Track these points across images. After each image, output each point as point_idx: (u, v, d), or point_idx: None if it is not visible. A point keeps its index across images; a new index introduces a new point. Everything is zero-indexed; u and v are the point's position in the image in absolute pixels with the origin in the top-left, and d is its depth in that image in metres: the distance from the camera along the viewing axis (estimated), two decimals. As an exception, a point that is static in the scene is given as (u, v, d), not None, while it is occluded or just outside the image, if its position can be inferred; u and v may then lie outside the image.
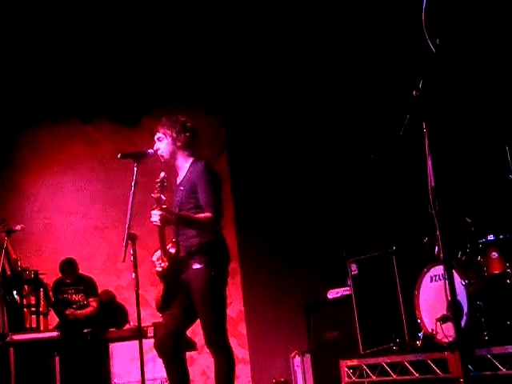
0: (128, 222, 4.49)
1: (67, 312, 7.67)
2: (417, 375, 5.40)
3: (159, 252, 4.61)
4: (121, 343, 7.39)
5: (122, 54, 8.23)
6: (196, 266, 4.58)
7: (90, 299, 7.87)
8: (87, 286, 7.91)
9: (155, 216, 4.40)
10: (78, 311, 7.71)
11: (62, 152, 9.00)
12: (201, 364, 8.42)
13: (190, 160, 4.81)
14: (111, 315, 8.12)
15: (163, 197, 4.44)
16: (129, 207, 4.52)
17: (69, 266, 7.88)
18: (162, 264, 4.59)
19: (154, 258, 4.68)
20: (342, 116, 8.01)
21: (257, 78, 8.49)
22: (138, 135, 8.81)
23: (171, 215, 4.47)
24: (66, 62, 8.19)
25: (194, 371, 8.40)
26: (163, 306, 4.70)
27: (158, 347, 4.67)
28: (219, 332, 4.59)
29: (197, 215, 4.54)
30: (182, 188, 4.72)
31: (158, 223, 4.41)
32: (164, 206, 4.44)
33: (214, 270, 4.59)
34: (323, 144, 8.28)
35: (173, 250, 4.64)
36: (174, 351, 4.65)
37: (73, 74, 8.34)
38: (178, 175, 4.89)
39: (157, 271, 4.63)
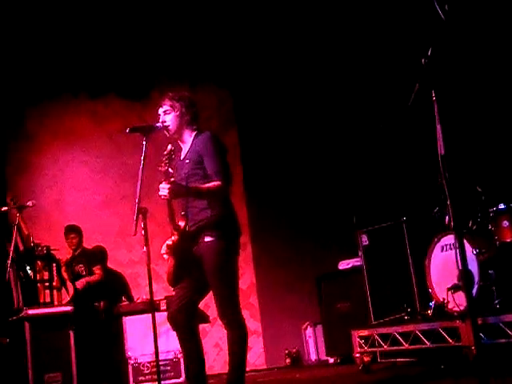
0: (138, 196, 4.48)
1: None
2: (428, 344, 5.41)
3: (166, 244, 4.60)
4: (134, 317, 7.45)
5: (130, 29, 8.20)
6: (208, 238, 4.57)
7: (94, 268, 7.90)
8: (88, 256, 7.95)
9: (163, 189, 4.38)
10: (79, 281, 7.76)
11: (72, 128, 9.02)
12: (214, 336, 8.49)
13: (193, 133, 4.79)
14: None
15: (170, 170, 4.43)
16: (138, 181, 4.52)
17: (66, 230, 7.94)
18: (173, 238, 4.60)
19: (162, 251, 4.69)
20: (350, 86, 7.96)
21: (265, 50, 8.44)
22: (146, 110, 8.78)
23: (180, 187, 4.47)
24: (75, 38, 8.18)
25: (207, 344, 8.46)
26: (175, 280, 4.70)
27: (172, 320, 4.68)
28: (232, 305, 4.58)
29: (206, 185, 4.54)
30: (187, 161, 4.69)
31: (167, 196, 4.41)
32: (172, 179, 4.43)
33: (226, 243, 4.56)
34: (333, 114, 8.24)
35: (182, 224, 4.64)
36: (187, 324, 4.64)
37: (82, 49, 8.33)
38: (181, 150, 4.88)
39: (167, 245, 4.64)
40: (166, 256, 4.67)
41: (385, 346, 5.88)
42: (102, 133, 8.97)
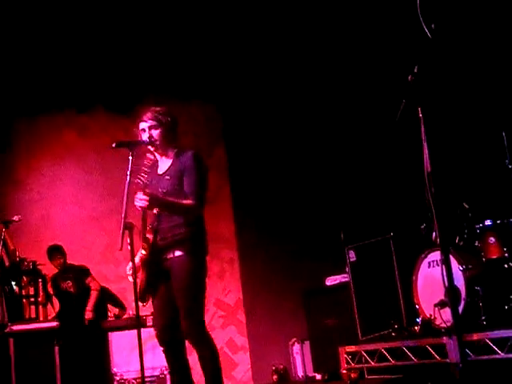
0: (124, 211, 4.47)
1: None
2: (415, 360, 5.41)
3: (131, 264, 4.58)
4: (120, 332, 7.41)
5: (117, 43, 8.19)
6: (178, 253, 4.58)
7: (87, 281, 7.85)
8: (75, 272, 7.90)
9: (140, 200, 4.41)
10: (88, 311, 7.69)
11: (58, 142, 9.00)
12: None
13: (175, 150, 4.81)
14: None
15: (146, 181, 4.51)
16: (124, 196, 4.51)
17: (50, 251, 7.90)
18: (143, 252, 4.61)
19: (128, 272, 4.67)
20: (338, 101, 7.98)
21: (252, 66, 8.45)
22: (133, 124, 8.75)
23: (156, 199, 4.48)
24: (61, 52, 8.15)
25: (194, 359, 8.43)
26: (144, 294, 4.68)
27: (159, 338, 4.69)
28: (199, 321, 4.57)
29: (179, 200, 4.54)
30: (167, 177, 4.71)
31: (144, 206, 4.42)
32: (147, 191, 4.46)
33: (196, 259, 4.59)
34: (320, 130, 8.26)
35: (150, 237, 4.64)
36: (174, 340, 4.65)
37: (68, 64, 8.30)
38: (156, 164, 4.87)
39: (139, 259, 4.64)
40: (130, 278, 4.64)
41: (372, 363, 5.86)
42: (88, 147, 8.94)
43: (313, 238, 8.27)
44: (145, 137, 4.78)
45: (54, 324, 7.03)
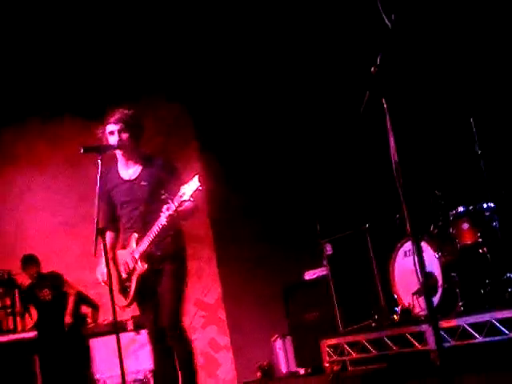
0: (96, 217, 4.45)
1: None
2: (396, 349, 5.43)
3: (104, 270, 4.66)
4: (101, 338, 7.37)
5: (82, 47, 8.13)
6: (168, 262, 4.76)
7: (65, 288, 7.80)
8: (51, 280, 7.85)
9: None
10: (67, 315, 7.64)
11: (29, 150, 8.91)
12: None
13: (141, 155, 4.85)
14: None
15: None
16: (96, 201, 4.49)
17: (24, 261, 7.83)
18: (140, 265, 4.71)
19: (102, 278, 4.80)
20: (307, 97, 7.99)
21: (221, 64, 8.44)
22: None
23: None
24: (27, 59, 8.07)
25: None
26: (132, 301, 4.87)
27: (153, 338, 4.88)
28: (180, 319, 4.81)
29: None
30: (144, 183, 4.73)
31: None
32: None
33: (182, 264, 4.87)
34: (291, 125, 8.26)
35: (134, 244, 4.76)
36: (166, 342, 4.79)
37: (34, 70, 8.22)
38: (114, 168, 4.92)
39: (140, 272, 4.74)
40: (103, 283, 4.79)
41: (354, 354, 5.88)
42: (58, 154, 8.88)
43: (290, 233, 8.27)
44: (113, 140, 4.74)
45: (33, 334, 6.97)
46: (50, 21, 7.64)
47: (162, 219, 4.49)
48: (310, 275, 7.34)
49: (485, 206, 5.50)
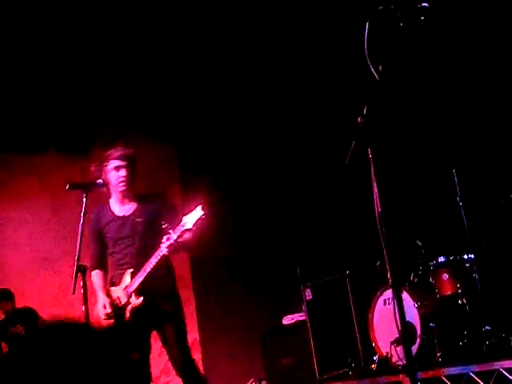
0: (77, 254, 4.42)
1: None
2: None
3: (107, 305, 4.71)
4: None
5: (70, 82, 8.13)
6: (167, 306, 4.83)
7: (39, 322, 7.70)
8: (25, 315, 7.74)
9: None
10: None
11: (10, 184, 8.85)
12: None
13: (136, 192, 4.90)
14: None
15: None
16: (78, 238, 4.47)
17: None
18: (139, 300, 4.72)
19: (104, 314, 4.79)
20: (292, 142, 8.04)
21: (209, 104, 8.49)
22: (89, 164, 8.72)
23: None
24: (10, 91, 8.04)
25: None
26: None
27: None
28: (192, 359, 4.99)
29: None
30: (139, 219, 4.75)
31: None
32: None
33: (181, 307, 4.97)
34: (275, 170, 8.30)
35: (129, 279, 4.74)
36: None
37: (18, 103, 8.20)
38: (106, 206, 4.93)
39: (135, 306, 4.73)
40: (105, 317, 4.73)
41: (330, 403, 5.83)
42: (42, 189, 8.82)
43: (270, 277, 8.24)
44: (115, 176, 4.79)
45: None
46: (36, 52, 7.63)
47: (163, 249, 4.52)
48: (288, 320, 7.29)
49: (465, 257, 5.54)
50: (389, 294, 5.63)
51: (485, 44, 5.84)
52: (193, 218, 4.46)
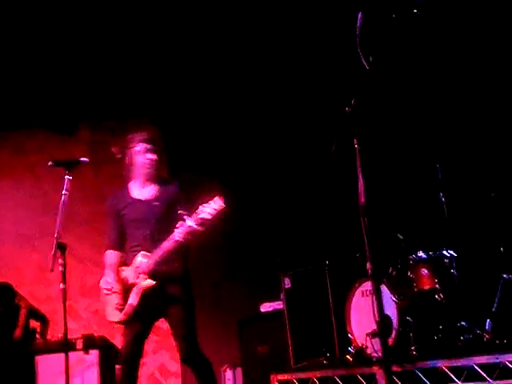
0: (57, 231, 4.40)
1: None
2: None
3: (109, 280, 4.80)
4: (49, 355, 7.23)
5: (59, 60, 8.06)
6: (177, 290, 4.84)
7: (16, 300, 7.65)
8: (2, 291, 7.69)
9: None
10: (18, 328, 7.49)
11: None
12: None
13: (158, 176, 4.97)
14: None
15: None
16: (58, 216, 4.45)
17: None
18: (148, 281, 4.71)
19: (107, 285, 4.86)
20: (277, 131, 8.02)
21: (197, 88, 8.45)
22: (74, 144, 8.73)
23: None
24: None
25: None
26: (130, 319, 4.79)
27: (127, 357, 4.83)
28: (198, 346, 4.99)
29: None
30: (156, 203, 4.81)
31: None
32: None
33: (190, 290, 5.00)
34: (258, 156, 8.28)
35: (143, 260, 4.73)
36: (136, 363, 4.85)
37: (6, 80, 8.12)
38: (126, 186, 4.98)
39: (145, 287, 4.71)
40: (106, 291, 4.84)
41: (303, 391, 5.85)
42: (25, 166, 8.78)
43: (248, 264, 8.24)
44: (141, 158, 4.86)
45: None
46: (27, 31, 7.57)
47: (176, 235, 4.55)
48: (265, 308, 7.31)
49: (445, 253, 5.57)
50: (367, 285, 5.66)
51: (475, 39, 5.84)
52: (210, 208, 4.47)
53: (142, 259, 4.72)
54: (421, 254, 5.62)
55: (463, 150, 6.03)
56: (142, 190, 4.91)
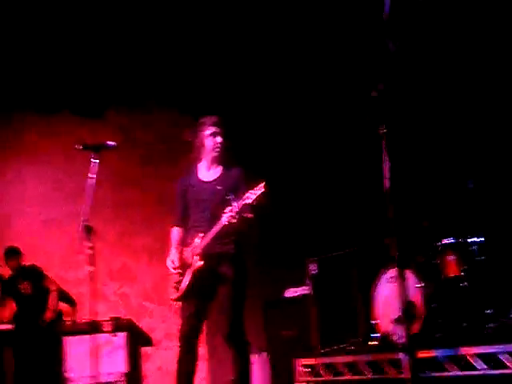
0: (85, 214, 4.45)
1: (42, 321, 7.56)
2: (372, 375, 5.43)
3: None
4: (77, 337, 7.33)
5: (88, 45, 8.10)
6: (227, 264, 4.82)
7: (46, 282, 7.76)
8: (32, 273, 7.80)
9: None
10: (49, 310, 7.61)
11: (24, 143, 8.90)
12: (156, 360, 8.41)
13: (224, 160, 5.09)
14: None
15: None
16: (87, 199, 4.49)
17: (7, 253, 7.80)
18: (199, 262, 4.78)
19: (173, 265, 4.93)
20: (305, 116, 8.00)
21: (229, 78, 8.44)
22: (103, 127, 8.81)
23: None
24: (30, 52, 8.03)
25: (150, 367, 8.38)
26: (184, 296, 4.88)
27: (184, 335, 4.89)
28: (242, 330, 4.95)
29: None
30: (219, 187, 4.90)
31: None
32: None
33: (243, 271, 4.96)
34: (287, 141, 8.26)
35: (198, 241, 4.82)
36: (194, 341, 4.90)
37: (36, 64, 8.19)
38: (196, 168, 5.10)
39: (196, 268, 4.80)
40: (172, 270, 4.91)
41: (328, 376, 5.87)
42: (54, 149, 8.87)
43: (276, 249, 8.26)
44: (210, 142, 5.02)
45: (9, 326, 6.93)
46: (53, 17, 7.61)
47: (223, 219, 4.62)
48: (291, 292, 7.32)
49: (472, 240, 5.53)
50: (393, 272, 5.63)
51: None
52: (254, 194, 4.56)
53: (197, 240, 4.83)
54: (448, 240, 5.58)
55: (493, 137, 5.96)
56: (207, 173, 5.07)
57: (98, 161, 4.58)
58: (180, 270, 4.90)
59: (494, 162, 5.86)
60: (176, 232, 5.12)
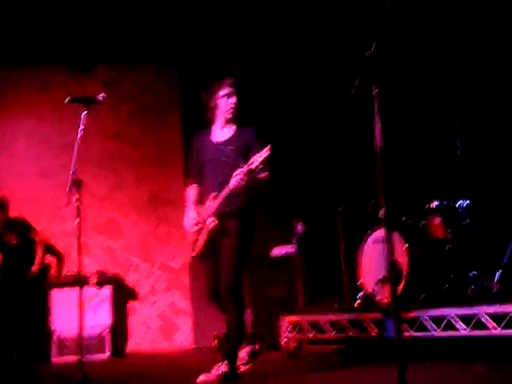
0: (73, 168, 4.44)
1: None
2: (355, 333, 5.51)
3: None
4: (63, 290, 7.37)
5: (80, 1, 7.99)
6: (234, 219, 4.82)
7: (32, 234, 7.75)
8: (18, 225, 7.78)
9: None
10: (37, 263, 7.62)
11: (13, 95, 8.81)
12: (142, 314, 8.48)
13: (236, 121, 5.08)
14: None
15: None
16: (75, 152, 4.47)
17: None
18: (215, 222, 4.79)
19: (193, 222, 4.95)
20: (292, 76, 7.93)
21: (214, 31, 8.34)
22: (92, 82, 8.74)
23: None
24: (22, 5, 7.90)
25: (135, 321, 8.45)
26: (203, 254, 4.95)
27: (213, 294, 4.94)
28: (238, 282, 4.88)
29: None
30: (231, 147, 4.92)
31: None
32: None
33: (249, 225, 4.95)
34: (272, 102, 8.20)
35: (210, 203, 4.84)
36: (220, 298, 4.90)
37: (28, 17, 8.06)
38: (210, 128, 5.10)
39: (209, 227, 4.81)
40: (195, 227, 4.92)
41: (312, 333, 5.95)
42: (44, 102, 8.81)
43: (263, 207, 8.26)
44: (224, 102, 5.02)
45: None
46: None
47: (231, 183, 4.64)
48: (277, 251, 7.37)
49: (459, 203, 5.56)
50: (379, 233, 5.67)
51: None
52: (259, 158, 4.56)
53: (209, 202, 4.86)
54: (435, 203, 5.61)
55: (482, 99, 5.94)
56: (220, 133, 5.06)
57: (86, 112, 4.56)
58: (199, 227, 4.92)
59: (483, 124, 5.85)
60: (191, 189, 5.12)
